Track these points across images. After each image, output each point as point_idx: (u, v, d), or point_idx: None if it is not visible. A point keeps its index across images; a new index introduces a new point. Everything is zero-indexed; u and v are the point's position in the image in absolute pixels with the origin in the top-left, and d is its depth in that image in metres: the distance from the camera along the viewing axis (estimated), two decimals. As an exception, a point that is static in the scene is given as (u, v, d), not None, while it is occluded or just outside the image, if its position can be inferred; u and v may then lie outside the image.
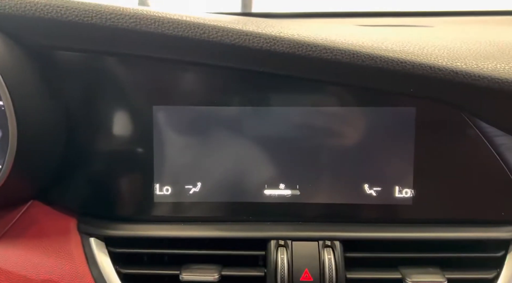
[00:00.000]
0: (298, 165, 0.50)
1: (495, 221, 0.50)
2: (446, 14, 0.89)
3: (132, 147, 0.50)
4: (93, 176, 0.51)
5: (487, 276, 0.49)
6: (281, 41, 0.44)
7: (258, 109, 0.49)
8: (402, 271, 0.48)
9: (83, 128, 0.50)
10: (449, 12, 0.90)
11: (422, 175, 0.49)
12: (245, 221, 0.51)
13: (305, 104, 0.49)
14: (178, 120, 0.50)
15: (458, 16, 0.88)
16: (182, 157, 0.50)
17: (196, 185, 0.51)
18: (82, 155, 0.51)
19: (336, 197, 0.50)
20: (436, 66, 0.44)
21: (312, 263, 0.48)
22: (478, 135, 0.47)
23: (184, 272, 0.48)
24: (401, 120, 0.48)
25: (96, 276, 0.49)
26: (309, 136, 0.49)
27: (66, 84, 0.49)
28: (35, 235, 0.51)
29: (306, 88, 0.48)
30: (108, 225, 0.51)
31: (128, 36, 0.45)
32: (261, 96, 0.49)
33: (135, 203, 0.51)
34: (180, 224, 0.51)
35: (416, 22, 0.77)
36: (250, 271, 0.49)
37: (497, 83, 0.43)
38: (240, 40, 0.44)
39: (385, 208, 0.50)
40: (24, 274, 0.47)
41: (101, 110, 0.50)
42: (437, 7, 0.94)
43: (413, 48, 0.46)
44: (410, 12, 0.92)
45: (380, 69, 0.44)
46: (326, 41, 0.44)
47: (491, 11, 0.88)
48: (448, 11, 0.91)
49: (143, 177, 0.51)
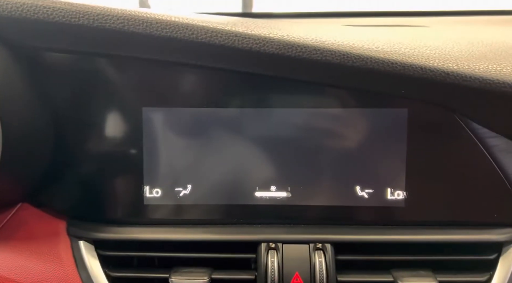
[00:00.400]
0: (289, 167, 0.49)
1: (488, 223, 0.49)
2: (442, 14, 0.89)
3: (122, 149, 0.50)
4: (82, 179, 0.51)
5: (480, 279, 0.48)
6: (270, 42, 0.44)
7: (250, 111, 0.49)
8: (394, 274, 0.48)
9: (72, 130, 0.50)
10: (445, 12, 0.89)
11: (415, 177, 0.49)
12: (235, 224, 0.51)
13: (296, 105, 0.48)
14: (168, 121, 0.49)
15: (454, 16, 0.88)
16: (172, 159, 0.50)
17: (186, 188, 0.50)
18: (71, 157, 0.50)
19: (327, 199, 0.50)
20: (427, 67, 0.43)
21: (303, 266, 0.47)
22: (471, 137, 0.47)
23: (173, 275, 0.47)
24: (393, 122, 0.48)
25: (85, 279, 0.49)
26: (300, 137, 0.49)
27: (54, 86, 0.48)
28: (23, 238, 0.50)
29: (297, 90, 0.48)
30: (97, 228, 0.51)
31: (116, 37, 0.45)
32: (252, 98, 0.48)
33: (124, 206, 0.51)
34: (170, 226, 0.51)
35: (412, 22, 0.77)
36: (241, 274, 0.48)
37: (489, 84, 0.42)
38: (229, 41, 0.44)
39: (377, 210, 0.50)
40: (12, 277, 0.47)
41: (90, 112, 0.49)
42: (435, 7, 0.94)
43: (404, 49, 0.45)
44: (405, 12, 0.91)
45: (370, 70, 0.43)
46: (316, 42, 0.44)
47: (487, 11, 0.88)
48: (444, 10, 0.90)
49: (133, 179, 0.50)
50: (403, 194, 0.49)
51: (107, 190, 0.51)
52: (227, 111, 0.49)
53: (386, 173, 0.49)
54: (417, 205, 0.49)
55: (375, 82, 0.45)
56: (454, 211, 0.49)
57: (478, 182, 0.48)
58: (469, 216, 0.49)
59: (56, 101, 0.49)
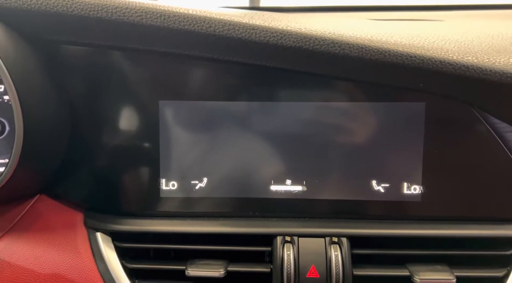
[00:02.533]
0: (304, 161, 0.49)
1: (505, 218, 0.49)
2: (456, 8, 0.88)
3: (138, 142, 0.50)
4: (99, 171, 0.51)
5: (497, 274, 0.48)
6: (288, 35, 0.43)
7: (265, 104, 0.49)
8: (410, 268, 0.48)
9: (89, 123, 0.50)
10: (459, 6, 0.89)
11: (431, 172, 0.48)
12: (251, 217, 0.51)
13: (313, 99, 0.48)
14: (184, 115, 0.49)
15: (468, 10, 0.87)
16: (188, 152, 0.50)
17: (202, 181, 0.50)
18: (88, 149, 0.51)
19: (343, 193, 0.50)
20: (447, 60, 0.43)
21: (319, 260, 0.47)
22: (489, 131, 0.47)
23: (189, 267, 0.48)
24: (410, 116, 0.48)
25: (102, 270, 0.49)
26: (316, 131, 0.49)
27: (71, 79, 0.49)
28: (41, 229, 0.51)
29: (314, 84, 0.48)
30: (114, 220, 0.51)
31: (134, 30, 0.45)
32: (268, 92, 0.48)
33: (141, 198, 0.51)
34: (186, 219, 0.51)
35: (425, 17, 0.76)
36: (256, 267, 0.48)
37: (510, 78, 0.42)
38: (246, 34, 0.44)
39: (393, 205, 0.49)
40: (30, 268, 0.47)
41: (107, 105, 0.50)
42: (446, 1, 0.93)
43: (423, 42, 0.45)
44: (419, 6, 0.90)
45: (389, 63, 0.43)
46: (334, 35, 0.43)
47: (501, 5, 0.87)
48: (458, 4, 0.89)
49: (149, 172, 0.50)
50: (420, 188, 0.49)
51: (123, 182, 0.51)
52: (243, 104, 0.49)
53: (402, 168, 0.49)
54: (433, 200, 0.49)
55: (393, 75, 0.45)
56: (471, 206, 0.49)
57: (496, 177, 0.48)
58: (486, 211, 0.49)
59: (74, 95, 0.49)
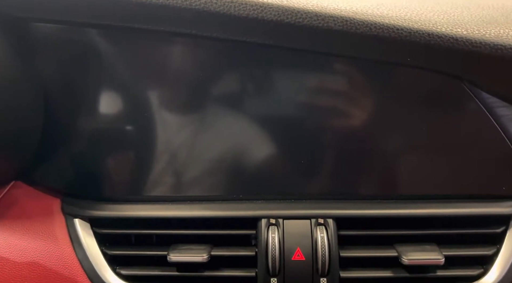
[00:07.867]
0: (290, 142, 0.47)
1: (495, 196, 0.48)
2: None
3: (117, 125, 0.48)
4: (76, 156, 0.49)
5: (487, 252, 0.47)
6: (268, 8, 0.41)
7: (250, 85, 0.46)
8: (398, 248, 0.47)
9: (63, 106, 0.47)
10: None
11: (420, 149, 0.47)
12: (235, 200, 0.49)
13: (297, 81, 0.46)
14: (167, 97, 0.47)
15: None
16: (170, 136, 0.48)
17: (185, 164, 0.48)
18: (65, 133, 0.48)
19: (329, 174, 0.48)
20: (435, 33, 0.41)
21: (304, 242, 0.46)
22: (479, 106, 0.45)
23: (172, 252, 0.46)
24: (397, 92, 0.46)
25: (81, 257, 0.47)
26: (300, 114, 0.47)
27: (43, 59, 0.46)
28: (17, 216, 0.49)
29: (299, 64, 0.45)
30: (93, 206, 0.49)
31: (109, 6, 0.42)
32: (259, 73, 0.46)
33: (121, 183, 0.49)
34: (168, 203, 0.49)
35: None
36: (241, 251, 0.47)
37: (500, 50, 0.40)
38: (225, 8, 0.41)
39: (380, 184, 0.48)
40: (5, 256, 0.46)
41: (83, 87, 0.47)
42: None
43: (410, 14, 0.43)
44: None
45: (374, 36, 0.41)
46: (317, 7, 0.41)
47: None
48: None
49: (129, 156, 0.48)
50: (408, 166, 0.47)
51: (102, 167, 0.49)
52: (228, 85, 0.46)
53: (390, 145, 0.47)
54: (421, 178, 0.48)
55: (379, 50, 0.43)
56: (460, 183, 0.48)
57: (486, 154, 0.46)
58: (476, 188, 0.48)
59: (46, 76, 0.46)
